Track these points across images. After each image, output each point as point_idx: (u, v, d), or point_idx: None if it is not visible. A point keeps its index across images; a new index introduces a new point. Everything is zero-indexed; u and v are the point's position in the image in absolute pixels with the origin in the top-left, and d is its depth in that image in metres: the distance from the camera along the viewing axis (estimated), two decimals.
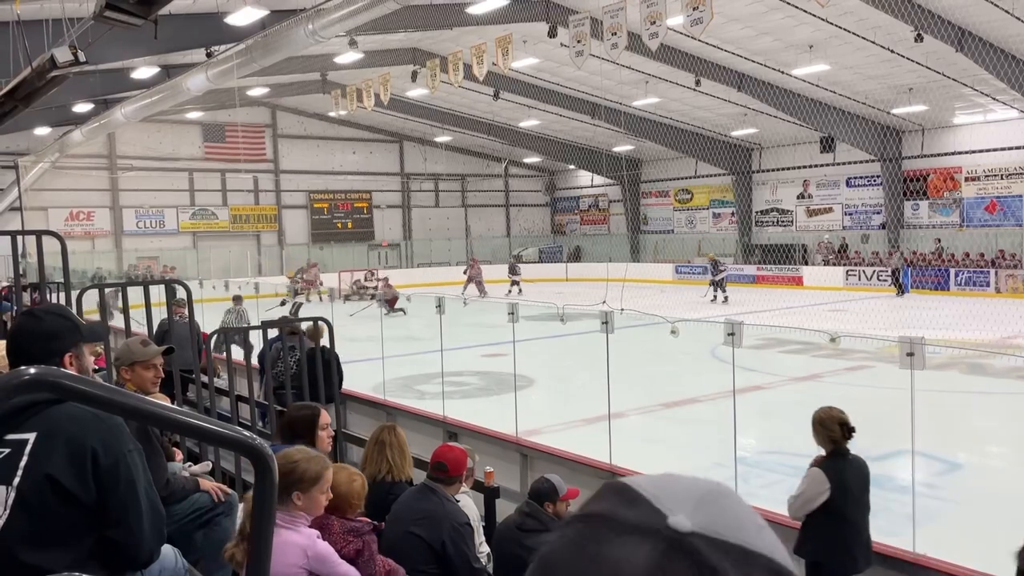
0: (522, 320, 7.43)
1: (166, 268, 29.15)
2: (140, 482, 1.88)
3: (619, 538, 0.51)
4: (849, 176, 29.37)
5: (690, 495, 0.54)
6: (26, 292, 6.91)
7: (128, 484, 1.85)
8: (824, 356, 13.50)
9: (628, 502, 0.54)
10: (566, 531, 0.54)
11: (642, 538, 0.51)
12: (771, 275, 29.28)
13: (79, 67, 8.09)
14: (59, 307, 2.30)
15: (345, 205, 36.43)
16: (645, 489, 0.54)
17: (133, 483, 1.86)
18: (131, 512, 1.85)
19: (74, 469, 1.76)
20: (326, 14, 13.49)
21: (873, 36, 18.72)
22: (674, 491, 0.54)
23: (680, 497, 0.53)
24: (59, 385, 1.12)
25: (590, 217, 40.54)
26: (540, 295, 21.59)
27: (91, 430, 1.81)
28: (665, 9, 12.46)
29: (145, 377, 3.73)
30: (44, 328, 2.04)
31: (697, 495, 0.54)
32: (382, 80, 19.46)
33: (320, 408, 4.08)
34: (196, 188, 32.79)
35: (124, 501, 1.84)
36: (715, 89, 23.71)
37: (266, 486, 1.19)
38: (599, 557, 0.51)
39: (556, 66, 23.00)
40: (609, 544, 0.51)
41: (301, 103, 32.26)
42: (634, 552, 0.50)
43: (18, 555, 1.72)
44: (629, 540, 0.51)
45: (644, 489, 0.54)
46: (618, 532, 0.51)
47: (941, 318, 14.09)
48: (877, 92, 23.38)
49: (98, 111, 22.80)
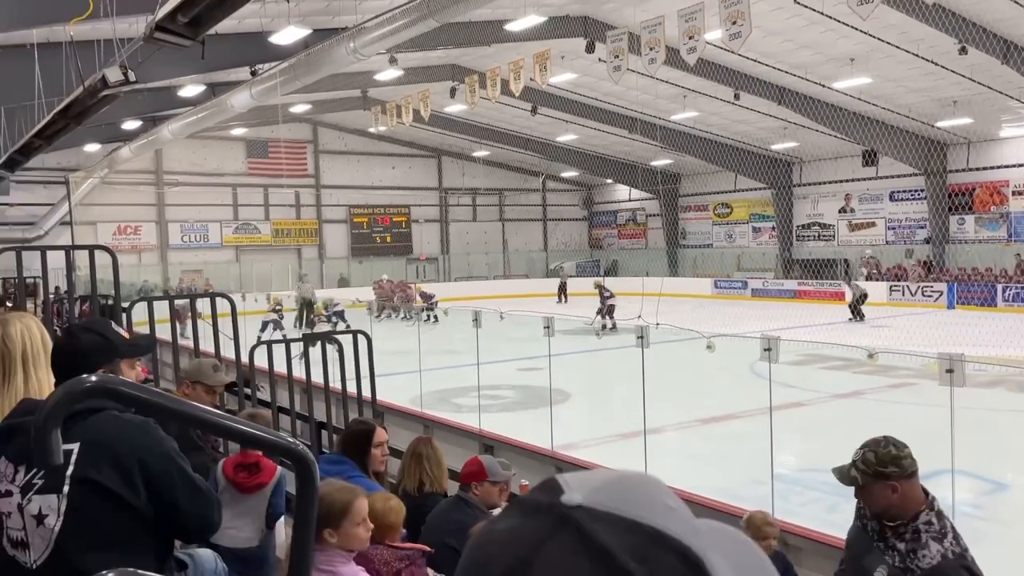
0: (558, 334, 7.47)
1: (207, 283, 29.72)
2: (188, 468, 1.97)
3: (517, 516, 0.56)
4: (892, 190, 28.90)
5: (600, 479, 0.57)
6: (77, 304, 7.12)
7: (182, 476, 1.93)
8: (866, 373, 13.27)
9: (541, 486, 0.58)
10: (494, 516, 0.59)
11: (535, 514, 0.55)
12: (812, 290, 28.89)
13: (129, 86, 8.34)
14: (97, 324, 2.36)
15: (384, 219, 36.81)
16: (564, 477, 0.58)
17: (185, 473, 1.95)
18: (196, 500, 1.96)
19: (121, 475, 1.83)
20: (367, 32, 13.73)
21: (916, 49, 18.47)
22: (588, 477, 0.57)
23: (589, 481, 0.57)
24: (118, 392, 1.19)
25: (628, 231, 40.40)
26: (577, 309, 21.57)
27: (133, 436, 1.89)
28: (704, 24, 12.46)
29: (203, 399, 3.86)
30: (78, 346, 2.12)
31: (607, 479, 0.57)
32: (421, 96, 19.69)
33: (376, 425, 4.11)
34: (239, 203, 33.41)
35: (187, 493, 1.94)
36: (755, 103, 23.55)
37: (308, 491, 1.25)
38: (496, 532, 0.55)
39: (594, 81, 23.05)
40: (507, 520, 0.56)
41: (342, 119, 32.74)
42: (524, 526, 0.54)
43: (73, 561, 1.80)
44: (524, 516, 0.55)
45: (563, 477, 0.58)
46: (517, 510, 0.56)
47: (988, 334, 13.79)
48: (921, 105, 23.02)
49: (146, 128, 23.41)
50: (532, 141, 31.65)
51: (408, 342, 10.55)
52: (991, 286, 24.58)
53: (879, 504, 2.86)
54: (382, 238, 36.70)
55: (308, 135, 34.51)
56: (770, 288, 30.20)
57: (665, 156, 30.45)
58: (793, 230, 32.45)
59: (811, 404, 11.34)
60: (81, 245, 5.69)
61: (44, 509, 1.82)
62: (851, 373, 13.55)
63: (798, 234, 32.43)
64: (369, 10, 14.39)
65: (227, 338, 6.34)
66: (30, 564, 1.83)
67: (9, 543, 1.87)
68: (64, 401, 1.18)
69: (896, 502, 2.81)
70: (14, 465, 1.88)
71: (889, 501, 2.82)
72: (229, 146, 32.31)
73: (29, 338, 2.34)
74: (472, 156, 36.08)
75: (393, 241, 36.89)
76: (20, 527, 1.84)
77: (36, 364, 2.35)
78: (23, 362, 2.33)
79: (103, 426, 1.86)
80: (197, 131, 23.08)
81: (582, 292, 33.40)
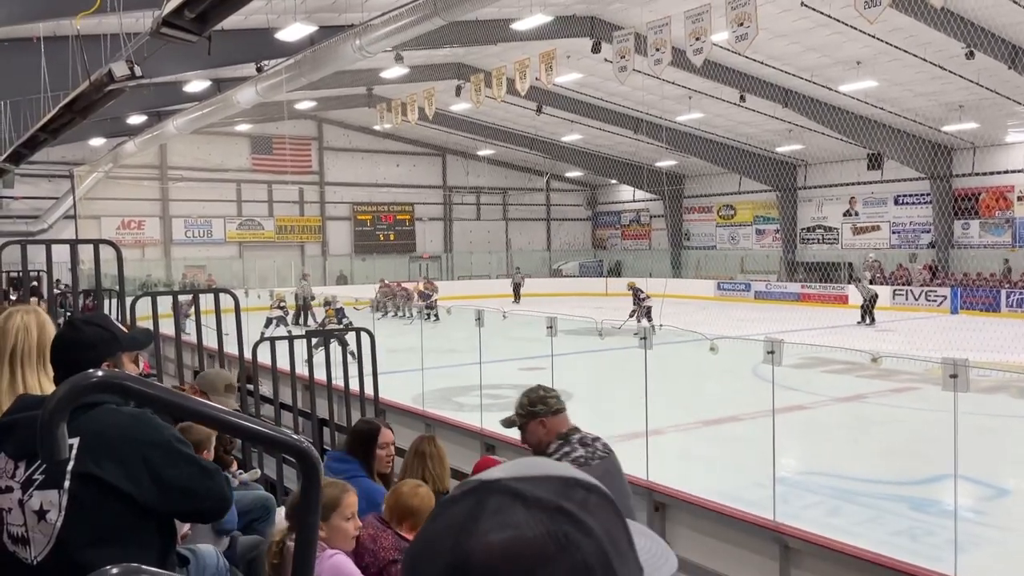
0: (561, 334, 7.45)
1: (209, 278, 29.78)
2: (191, 451, 1.97)
3: (452, 504, 0.63)
4: (897, 194, 28.87)
5: (507, 464, 0.69)
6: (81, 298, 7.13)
7: (187, 461, 1.93)
8: (868, 376, 13.25)
9: (462, 484, 0.66)
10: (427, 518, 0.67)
11: (466, 497, 0.63)
12: (815, 293, 28.86)
13: (135, 81, 8.34)
14: (98, 317, 2.36)
15: (388, 217, 36.84)
16: (478, 475, 0.67)
17: (190, 457, 1.94)
18: (206, 480, 1.95)
19: (122, 469, 1.83)
20: (373, 30, 13.73)
21: (923, 53, 18.44)
22: (499, 466, 0.69)
23: (499, 467, 0.68)
24: (125, 387, 1.19)
25: (631, 232, 40.39)
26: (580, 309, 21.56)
27: (133, 428, 1.88)
28: (710, 25, 12.45)
29: None
30: (83, 338, 2.11)
31: (512, 462, 0.69)
32: (427, 94, 19.70)
33: (381, 425, 4.10)
34: (243, 199, 33.45)
35: (196, 476, 1.93)
36: (760, 105, 23.52)
37: (312, 487, 1.25)
38: (433, 522, 0.63)
39: (599, 81, 23.05)
40: (444, 514, 0.63)
41: (347, 116, 32.76)
42: (462, 508, 0.62)
43: (75, 556, 1.80)
44: (458, 502, 0.63)
45: (477, 475, 0.67)
46: (451, 501, 0.64)
47: (991, 340, 13.77)
48: (927, 109, 22.98)
49: (151, 123, 23.45)
50: (537, 140, 31.65)
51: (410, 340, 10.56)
52: (995, 291, 24.54)
53: (533, 439, 3.30)
54: (385, 236, 36.72)
55: (313, 132, 34.54)
56: (773, 291, 30.17)
57: (670, 157, 30.43)
58: (797, 233, 32.42)
59: (813, 407, 11.32)
60: (86, 240, 5.70)
61: (45, 505, 1.81)
62: (854, 376, 13.53)
63: (802, 237, 32.40)
64: (375, 8, 14.40)
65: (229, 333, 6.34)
66: (31, 560, 1.83)
67: (9, 539, 1.86)
68: (70, 396, 1.18)
69: (544, 437, 3.27)
70: (14, 461, 1.88)
71: (539, 436, 3.27)
72: (234, 142, 32.35)
73: (25, 335, 2.34)
74: (476, 155, 36.10)
75: (396, 239, 36.92)
76: (21, 523, 1.84)
77: (26, 363, 2.33)
78: (11, 359, 2.32)
79: (103, 420, 1.86)
80: (202, 127, 23.08)
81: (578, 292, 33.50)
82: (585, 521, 0.60)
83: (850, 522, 6.82)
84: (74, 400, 1.19)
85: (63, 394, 1.17)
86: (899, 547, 5.87)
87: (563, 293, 32.67)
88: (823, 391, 12.25)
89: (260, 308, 18.38)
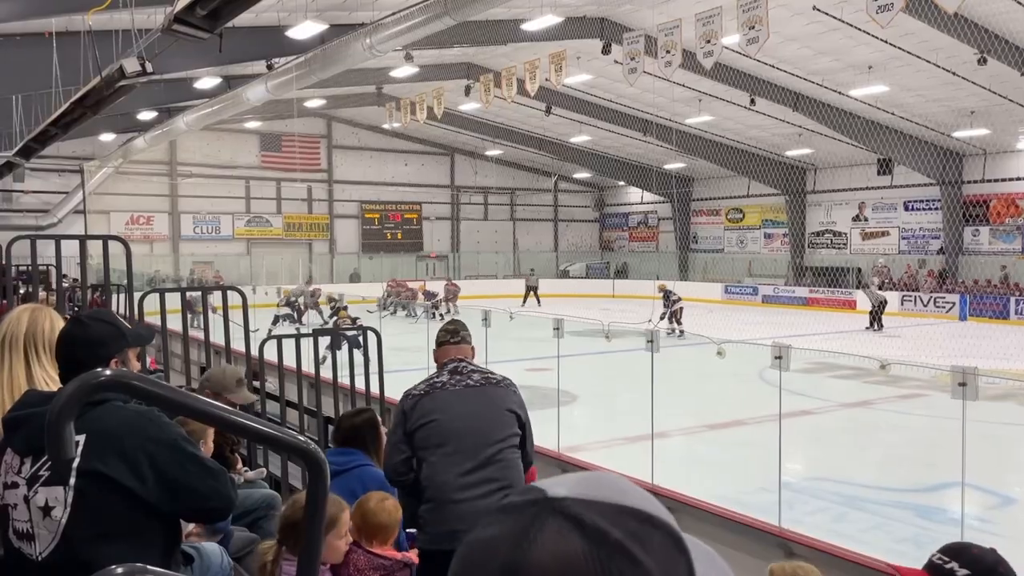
0: (567, 336, 7.44)
1: (217, 275, 29.88)
2: (196, 451, 1.97)
3: (505, 515, 0.59)
4: (907, 199, 28.75)
5: (577, 476, 0.63)
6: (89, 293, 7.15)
7: (192, 460, 1.93)
8: (876, 383, 13.20)
9: (522, 491, 0.62)
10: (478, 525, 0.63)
11: (522, 509, 0.59)
12: (824, 298, 28.77)
13: (146, 77, 8.37)
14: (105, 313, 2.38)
15: (395, 216, 36.88)
16: (542, 482, 0.63)
17: (194, 456, 1.94)
18: (210, 479, 1.95)
19: (128, 466, 1.83)
20: (384, 29, 13.75)
21: (935, 58, 18.37)
22: (565, 478, 0.63)
23: (566, 479, 0.62)
24: (132, 386, 1.19)
25: (639, 234, 40.34)
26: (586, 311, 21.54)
27: (138, 426, 1.88)
28: (721, 28, 12.42)
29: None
30: (91, 334, 2.11)
31: (583, 476, 0.63)
32: (436, 94, 19.71)
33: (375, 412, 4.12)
34: (252, 196, 33.52)
35: (200, 475, 1.93)
36: (770, 108, 23.46)
37: (319, 490, 1.24)
38: (487, 531, 0.59)
39: (609, 82, 23.01)
40: (498, 524, 0.59)
41: (356, 115, 32.81)
42: (515, 521, 0.58)
43: (80, 552, 1.80)
44: (515, 515, 0.59)
45: (542, 482, 0.63)
46: (508, 512, 0.60)
47: (1000, 347, 13.70)
48: (938, 115, 22.89)
49: (161, 119, 23.52)
50: (545, 141, 31.64)
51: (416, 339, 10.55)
52: (1004, 298, 24.42)
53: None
54: (393, 234, 36.76)
55: (322, 130, 34.61)
56: (781, 295, 30.08)
57: (678, 160, 30.37)
58: (805, 237, 32.33)
59: (819, 412, 11.29)
60: (95, 235, 5.71)
61: (50, 501, 1.81)
62: (861, 382, 13.48)
63: (810, 241, 32.30)
64: (386, 7, 14.42)
65: (236, 325, 6.34)
66: (36, 556, 1.83)
67: (15, 535, 1.87)
68: (78, 394, 1.18)
69: (437, 364, 3.63)
70: (20, 457, 1.88)
71: (438, 362, 3.67)
72: (243, 139, 32.43)
73: (11, 330, 2.37)
74: (485, 155, 36.10)
75: (404, 238, 36.96)
76: (26, 519, 1.84)
77: (12, 353, 2.36)
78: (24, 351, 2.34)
79: (108, 417, 1.86)
80: (212, 123, 23.17)
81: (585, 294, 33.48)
82: (644, 563, 0.57)
83: (856, 529, 6.79)
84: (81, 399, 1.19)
85: (71, 393, 1.17)
86: (905, 555, 5.84)
87: (570, 294, 32.65)
88: (830, 396, 12.22)
89: (267, 305, 18.43)
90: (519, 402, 3.57)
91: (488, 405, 3.45)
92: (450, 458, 3.34)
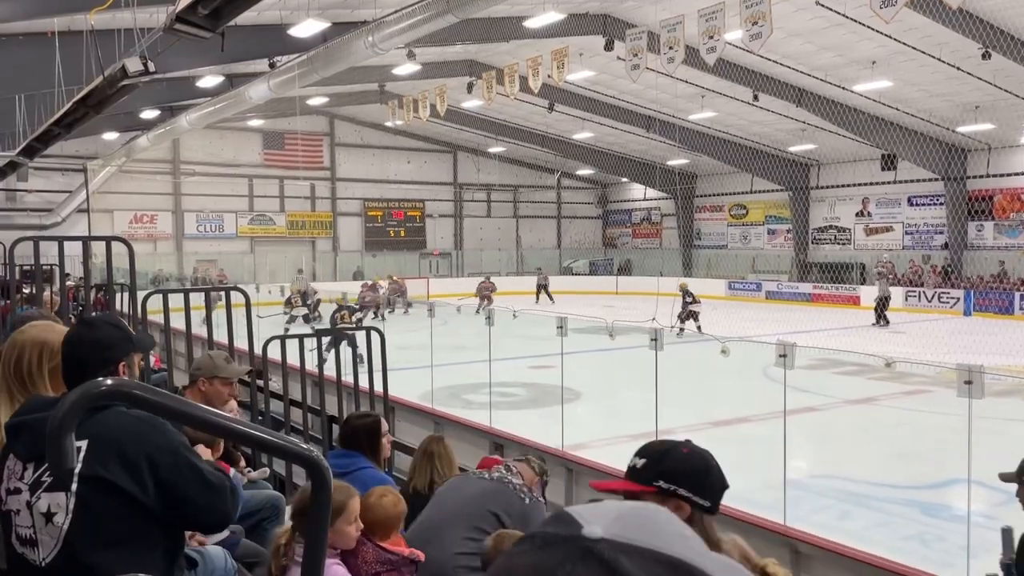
0: (571, 333, 7.43)
1: (221, 273, 29.94)
2: (199, 462, 1.95)
3: (537, 549, 0.55)
4: (911, 195, 28.68)
5: (614, 512, 0.58)
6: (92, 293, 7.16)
7: (192, 471, 1.91)
8: (880, 379, 13.18)
9: (556, 520, 0.58)
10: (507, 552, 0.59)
11: (556, 546, 0.55)
12: (827, 294, 28.72)
13: (149, 76, 8.37)
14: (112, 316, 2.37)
15: (398, 213, 36.88)
16: (576, 510, 0.58)
17: (195, 467, 1.92)
18: (208, 493, 1.93)
19: (129, 472, 1.82)
20: (386, 27, 13.73)
21: (939, 53, 18.29)
22: (602, 510, 0.58)
23: (603, 514, 0.57)
24: (134, 395, 1.18)
25: (642, 231, 40.30)
26: (590, 308, 21.53)
27: (141, 432, 1.87)
28: (724, 24, 12.38)
29: (221, 392, 3.82)
30: (99, 337, 2.10)
31: (622, 511, 0.58)
32: (438, 91, 19.68)
33: (379, 416, 4.14)
34: (255, 194, 33.54)
35: (199, 487, 1.90)
36: (773, 104, 23.40)
37: (322, 496, 1.23)
38: (517, 565, 0.55)
39: (611, 79, 22.97)
40: (526, 553, 0.55)
41: (358, 112, 32.80)
42: (547, 558, 0.54)
43: (82, 558, 1.79)
44: (546, 549, 0.55)
45: (576, 510, 0.58)
46: (538, 544, 0.56)
47: (1005, 343, 13.66)
48: (942, 110, 22.81)
49: (164, 118, 23.53)
50: (548, 138, 31.59)
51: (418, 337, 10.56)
52: (1009, 294, 24.36)
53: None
54: (396, 232, 36.76)
55: (325, 128, 34.61)
56: (784, 291, 30.05)
57: (681, 156, 30.31)
58: (809, 233, 32.27)
59: (824, 409, 11.27)
60: (98, 236, 5.71)
61: (53, 507, 1.81)
62: (865, 379, 13.46)
63: (814, 237, 32.24)
64: (388, 4, 14.39)
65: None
66: (39, 562, 1.83)
67: (18, 541, 1.86)
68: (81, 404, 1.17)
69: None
70: (23, 462, 1.87)
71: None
72: (246, 137, 32.45)
73: (13, 361, 2.29)
74: (487, 152, 36.07)
75: (407, 235, 36.96)
76: (29, 525, 1.83)
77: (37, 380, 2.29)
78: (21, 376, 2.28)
79: (111, 423, 1.85)
80: (214, 121, 23.15)
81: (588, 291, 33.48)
82: None
83: (861, 526, 6.78)
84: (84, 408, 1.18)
85: (73, 402, 1.17)
86: (910, 552, 5.84)
87: (573, 291, 32.63)
88: (834, 393, 12.19)
89: (271, 303, 18.45)
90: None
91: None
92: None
